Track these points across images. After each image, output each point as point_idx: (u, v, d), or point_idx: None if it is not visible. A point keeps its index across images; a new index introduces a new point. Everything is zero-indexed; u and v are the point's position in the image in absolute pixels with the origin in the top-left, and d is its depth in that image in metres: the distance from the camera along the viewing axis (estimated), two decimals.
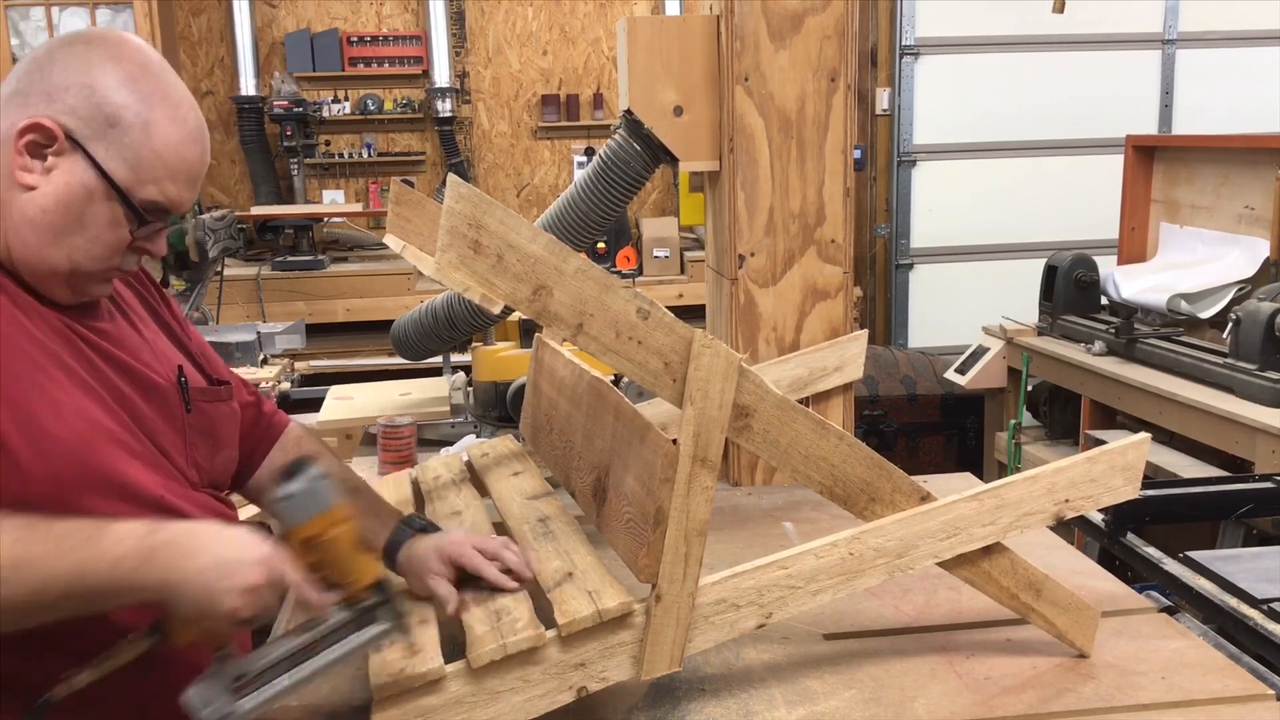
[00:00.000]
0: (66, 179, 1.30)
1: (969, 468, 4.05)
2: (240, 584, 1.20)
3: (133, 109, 1.31)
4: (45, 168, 1.30)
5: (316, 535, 1.29)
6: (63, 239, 1.31)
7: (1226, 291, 3.81)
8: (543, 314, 1.38)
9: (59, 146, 1.30)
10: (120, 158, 1.31)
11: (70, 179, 1.31)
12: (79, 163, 1.31)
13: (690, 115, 2.42)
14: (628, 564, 1.50)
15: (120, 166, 1.31)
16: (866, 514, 1.59)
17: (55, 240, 1.31)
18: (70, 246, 1.32)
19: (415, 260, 2.24)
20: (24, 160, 1.30)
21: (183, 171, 1.36)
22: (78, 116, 1.30)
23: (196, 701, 1.22)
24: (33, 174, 1.30)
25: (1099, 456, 1.65)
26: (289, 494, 1.27)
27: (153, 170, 1.33)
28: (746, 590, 1.52)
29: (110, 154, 1.31)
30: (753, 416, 1.48)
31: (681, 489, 1.41)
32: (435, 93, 6.87)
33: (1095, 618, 1.69)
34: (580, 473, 1.76)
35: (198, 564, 1.20)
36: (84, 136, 1.31)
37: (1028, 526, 1.63)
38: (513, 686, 1.42)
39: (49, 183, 1.30)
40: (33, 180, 1.30)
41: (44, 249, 1.31)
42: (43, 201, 1.30)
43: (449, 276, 1.35)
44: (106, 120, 1.31)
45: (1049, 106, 6.11)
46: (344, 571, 1.32)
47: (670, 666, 1.49)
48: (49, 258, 1.32)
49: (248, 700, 1.24)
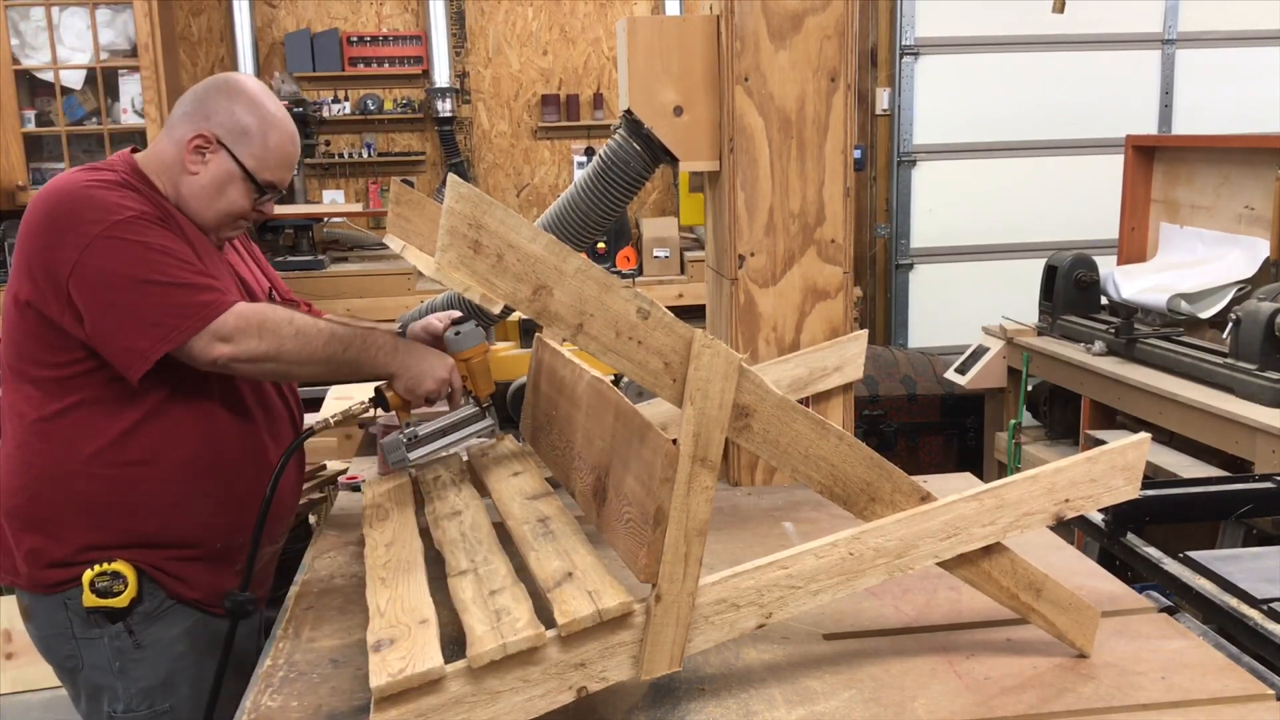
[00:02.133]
0: (216, 168, 2.07)
1: (969, 468, 4.05)
2: (436, 377, 2.09)
3: (256, 124, 2.08)
4: (204, 162, 2.06)
5: (469, 359, 2.17)
6: (214, 204, 2.08)
7: (1226, 291, 3.81)
8: (543, 314, 1.38)
9: (213, 148, 2.06)
10: (250, 154, 2.08)
11: (219, 168, 2.07)
12: (226, 158, 2.07)
13: (690, 115, 2.42)
14: (628, 564, 1.50)
15: (250, 160, 2.08)
16: (867, 514, 1.59)
17: (210, 204, 2.08)
18: (216, 208, 2.09)
19: (415, 260, 2.24)
20: (192, 157, 2.06)
21: (285, 162, 2.14)
22: (224, 128, 2.06)
23: (388, 447, 2.12)
24: (197, 165, 2.06)
25: (1099, 456, 1.65)
26: (458, 332, 2.18)
27: (268, 161, 2.09)
28: (746, 590, 1.52)
29: (243, 152, 2.07)
30: (753, 416, 1.48)
31: (681, 489, 1.41)
32: (435, 93, 6.87)
33: (1095, 618, 1.69)
34: (580, 473, 1.76)
35: (416, 360, 2.08)
36: (228, 141, 2.07)
37: (1028, 526, 1.63)
38: (513, 686, 1.42)
39: (206, 171, 2.07)
40: (196, 169, 2.07)
41: (203, 210, 2.08)
42: (203, 181, 2.07)
43: (449, 276, 1.35)
44: (241, 130, 2.07)
45: (1049, 106, 6.11)
46: (478, 385, 2.19)
47: (670, 666, 1.49)
48: (206, 215, 2.09)
49: (415, 452, 2.13)
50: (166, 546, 2.04)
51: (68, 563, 2.00)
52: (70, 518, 2.00)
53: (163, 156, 2.08)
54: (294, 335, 1.97)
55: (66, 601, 2.01)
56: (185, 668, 2.08)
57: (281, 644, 1.80)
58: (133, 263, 1.91)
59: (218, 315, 1.91)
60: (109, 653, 2.03)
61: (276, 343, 1.95)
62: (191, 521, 2.06)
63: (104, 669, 2.04)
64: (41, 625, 2.07)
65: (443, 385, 2.10)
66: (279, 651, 1.78)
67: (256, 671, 1.73)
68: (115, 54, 5.76)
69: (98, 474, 1.99)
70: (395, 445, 2.12)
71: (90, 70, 5.72)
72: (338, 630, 1.85)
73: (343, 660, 1.74)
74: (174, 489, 2.03)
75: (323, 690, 1.65)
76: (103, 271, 1.91)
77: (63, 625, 2.03)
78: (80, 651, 2.04)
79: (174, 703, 2.07)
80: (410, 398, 2.09)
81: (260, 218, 2.19)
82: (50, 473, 2.00)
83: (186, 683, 2.08)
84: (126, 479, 2.00)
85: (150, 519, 2.02)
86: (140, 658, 2.04)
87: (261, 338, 1.94)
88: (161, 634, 2.05)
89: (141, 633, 2.03)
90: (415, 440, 2.13)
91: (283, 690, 1.65)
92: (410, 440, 2.13)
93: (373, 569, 1.74)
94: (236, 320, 1.92)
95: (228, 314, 1.92)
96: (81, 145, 5.83)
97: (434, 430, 2.15)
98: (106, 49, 5.73)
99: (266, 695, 1.63)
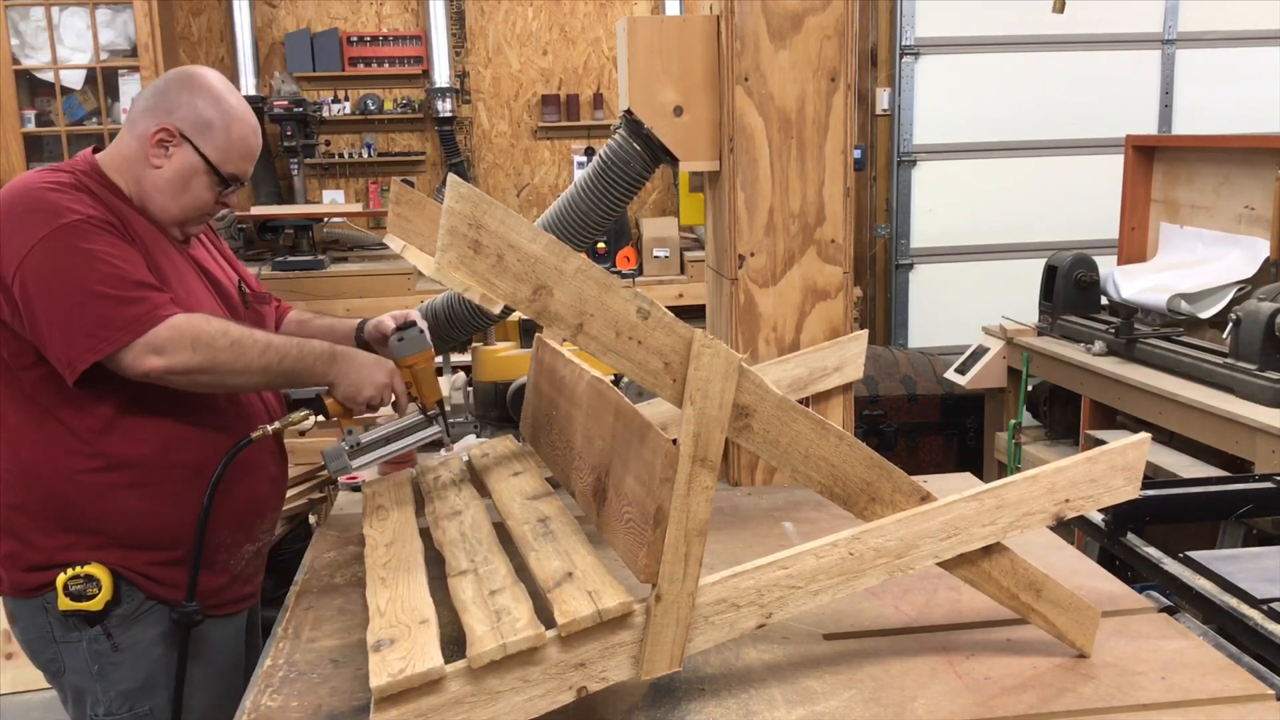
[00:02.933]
0: (179, 162, 2.05)
1: (969, 468, 4.05)
2: (375, 383, 2.07)
3: (218, 117, 2.07)
4: (167, 156, 2.05)
5: (413, 365, 2.15)
6: (178, 197, 2.07)
7: (1226, 291, 3.81)
8: (543, 314, 1.38)
9: (176, 141, 2.05)
10: (213, 146, 2.06)
11: (183, 162, 2.05)
12: (189, 151, 2.05)
13: (690, 115, 2.42)
14: (628, 564, 1.50)
15: (214, 152, 2.06)
16: (867, 514, 1.59)
17: (172, 199, 2.07)
18: (181, 203, 2.08)
19: (415, 260, 2.24)
20: (155, 151, 2.05)
21: (248, 154, 2.13)
22: (186, 121, 2.05)
23: (328, 456, 2.11)
24: (160, 159, 2.05)
25: (1099, 456, 1.65)
26: (401, 338, 2.17)
27: (231, 154, 2.08)
28: (746, 590, 1.52)
29: (206, 145, 2.06)
30: (753, 417, 1.48)
31: (681, 489, 1.41)
32: (435, 93, 6.86)
33: (1095, 618, 1.69)
34: (580, 473, 1.76)
35: (354, 368, 2.06)
36: (191, 134, 2.05)
37: (1028, 526, 1.63)
38: (513, 686, 1.42)
39: (170, 164, 2.05)
40: (160, 163, 2.05)
41: (167, 204, 2.07)
42: (167, 175, 2.05)
43: (449, 276, 1.35)
44: (205, 124, 2.06)
45: (1049, 106, 6.11)
46: (424, 392, 2.17)
47: (670, 666, 1.49)
48: (170, 208, 2.07)
49: (357, 460, 2.12)
50: (142, 549, 2.01)
51: (44, 566, 1.97)
52: (44, 521, 1.98)
53: (124, 152, 2.06)
54: (229, 347, 1.93)
55: (46, 605, 1.99)
56: (165, 670, 2.05)
57: (281, 644, 1.81)
58: (73, 269, 1.88)
59: (150, 327, 1.87)
60: (88, 656, 2.01)
61: (210, 355, 1.91)
62: (164, 523, 2.02)
63: (84, 672, 2.02)
64: (25, 629, 2.05)
65: (383, 391, 2.08)
66: (279, 651, 1.78)
67: (256, 671, 1.73)
68: (115, 54, 5.76)
69: (68, 476, 1.97)
70: (337, 454, 2.11)
71: (90, 70, 5.72)
72: (338, 630, 1.85)
73: (343, 660, 1.74)
74: (145, 490, 2.00)
75: (323, 690, 1.65)
76: (42, 276, 1.87)
77: (44, 629, 2.02)
78: (61, 655, 2.03)
79: (154, 705, 2.05)
80: (350, 405, 2.08)
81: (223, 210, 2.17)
82: (22, 475, 1.98)
83: (167, 685, 2.05)
84: (96, 481, 1.97)
85: (122, 521, 1.99)
86: (118, 660, 2.01)
87: (195, 350, 1.90)
88: (140, 636, 2.02)
89: (120, 635, 2.01)
90: (358, 448, 2.12)
91: (283, 690, 1.65)
92: (352, 448, 2.11)
93: (373, 569, 1.74)
94: (169, 333, 1.88)
95: (161, 326, 1.88)
96: (81, 145, 5.81)
97: (377, 438, 2.14)
98: (106, 49, 5.73)
99: (266, 695, 1.64)
